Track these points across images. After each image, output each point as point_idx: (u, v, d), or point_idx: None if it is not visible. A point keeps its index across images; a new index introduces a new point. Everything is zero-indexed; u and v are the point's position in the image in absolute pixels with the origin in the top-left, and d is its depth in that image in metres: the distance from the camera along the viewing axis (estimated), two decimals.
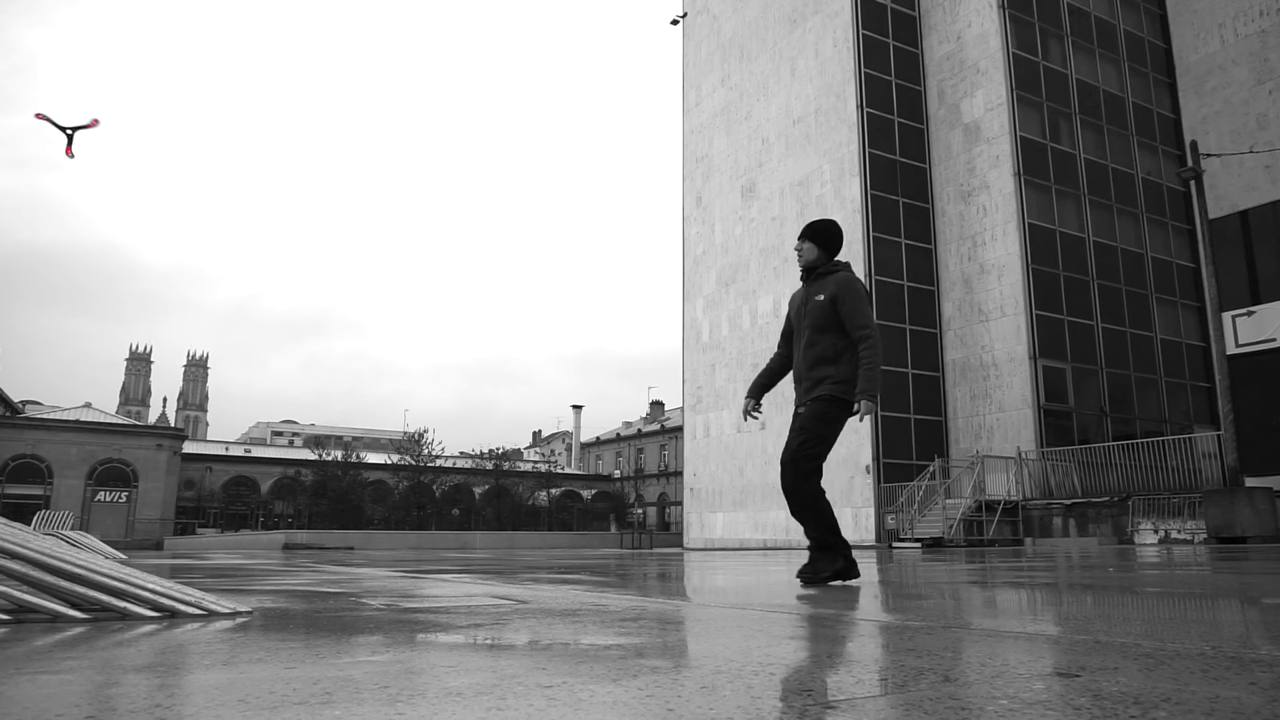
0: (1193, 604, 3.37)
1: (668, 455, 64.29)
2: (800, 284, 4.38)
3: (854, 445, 25.29)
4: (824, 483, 4.09)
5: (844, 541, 4.08)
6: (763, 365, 4.54)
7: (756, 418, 4.46)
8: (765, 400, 4.46)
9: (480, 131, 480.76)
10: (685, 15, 37.70)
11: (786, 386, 4.41)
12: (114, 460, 46.83)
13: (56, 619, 2.34)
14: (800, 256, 4.28)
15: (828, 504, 4.10)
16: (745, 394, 4.47)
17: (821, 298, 4.08)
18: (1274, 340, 17.99)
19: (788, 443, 4.10)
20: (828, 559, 4.00)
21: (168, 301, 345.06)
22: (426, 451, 50.21)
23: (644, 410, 73.39)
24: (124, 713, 1.22)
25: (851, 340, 4.06)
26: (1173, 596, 3.76)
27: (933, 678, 1.46)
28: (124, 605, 2.47)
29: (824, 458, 4.13)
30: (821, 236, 4.26)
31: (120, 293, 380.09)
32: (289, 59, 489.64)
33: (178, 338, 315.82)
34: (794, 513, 4.11)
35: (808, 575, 4.01)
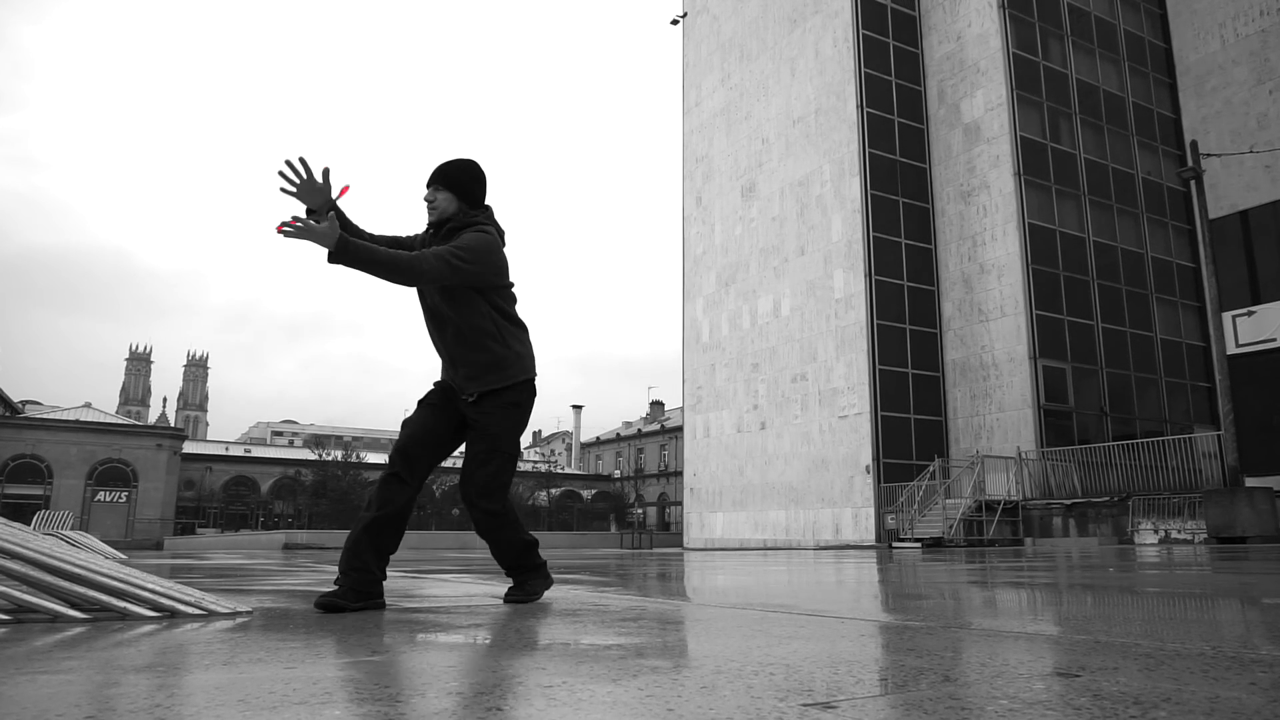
0: (1193, 604, 3.37)
1: (668, 455, 64.27)
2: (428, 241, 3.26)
3: (854, 445, 25.26)
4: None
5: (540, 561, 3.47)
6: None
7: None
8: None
9: (480, 131, 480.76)
10: (685, 15, 37.68)
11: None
12: (114, 460, 46.81)
13: (56, 619, 2.34)
14: (431, 208, 3.18)
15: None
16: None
17: None
18: (1274, 340, 17.98)
19: (474, 470, 3.10)
20: (539, 577, 3.41)
21: (168, 302, 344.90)
22: None
23: (644, 410, 73.37)
24: (124, 713, 1.22)
25: (504, 309, 3.14)
26: (1173, 597, 3.76)
27: (933, 678, 1.46)
28: (124, 605, 2.47)
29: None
30: (462, 180, 3.19)
31: (120, 294, 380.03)
32: (290, 59, 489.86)
33: (178, 338, 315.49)
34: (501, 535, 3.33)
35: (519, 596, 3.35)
